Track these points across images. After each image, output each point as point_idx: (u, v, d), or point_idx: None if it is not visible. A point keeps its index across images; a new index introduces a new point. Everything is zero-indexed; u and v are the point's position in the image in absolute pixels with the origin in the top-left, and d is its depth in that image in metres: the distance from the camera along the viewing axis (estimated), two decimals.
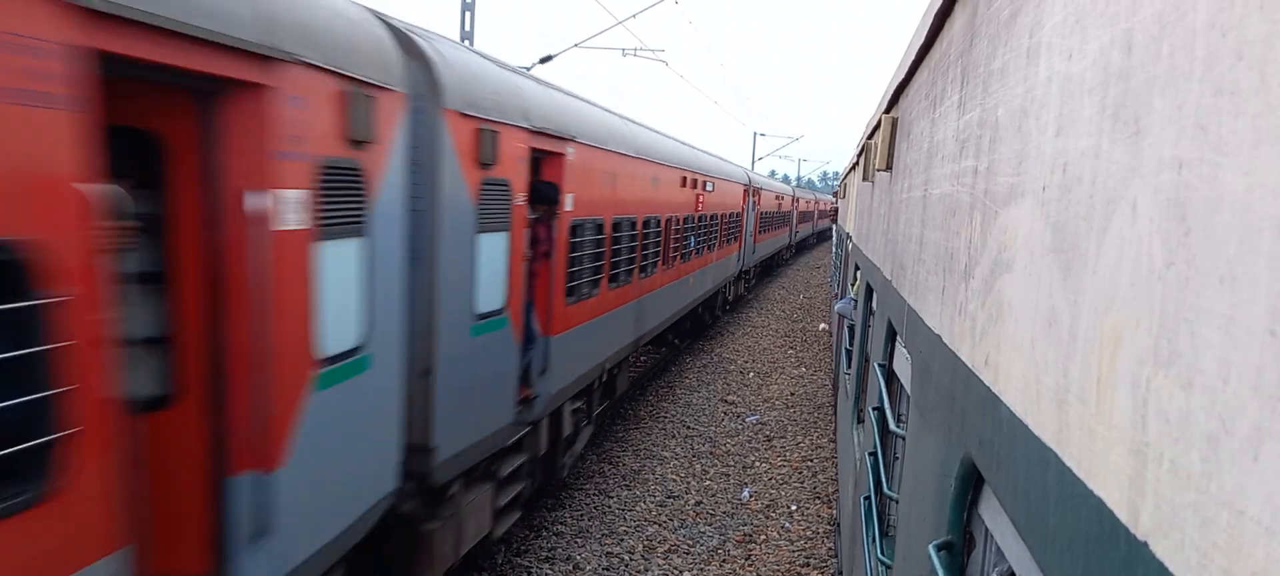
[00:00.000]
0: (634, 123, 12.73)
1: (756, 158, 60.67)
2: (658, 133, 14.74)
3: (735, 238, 23.93)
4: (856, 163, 12.26)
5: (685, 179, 15.49)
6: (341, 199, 4.58)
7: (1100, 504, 1.13)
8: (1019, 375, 1.64)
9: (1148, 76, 1.11)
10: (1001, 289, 1.86)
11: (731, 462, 12.81)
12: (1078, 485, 1.23)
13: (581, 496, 10.95)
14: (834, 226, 32.89)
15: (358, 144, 4.66)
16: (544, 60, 17.95)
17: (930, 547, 2.28)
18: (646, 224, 12.83)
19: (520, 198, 7.21)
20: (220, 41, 3.50)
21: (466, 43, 18.08)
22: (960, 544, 2.28)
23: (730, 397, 16.67)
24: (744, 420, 15.16)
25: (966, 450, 2.08)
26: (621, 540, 9.75)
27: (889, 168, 5.22)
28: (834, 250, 26.49)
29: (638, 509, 10.71)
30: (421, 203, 5.66)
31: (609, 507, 10.68)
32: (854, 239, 11.43)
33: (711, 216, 19.07)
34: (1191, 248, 0.95)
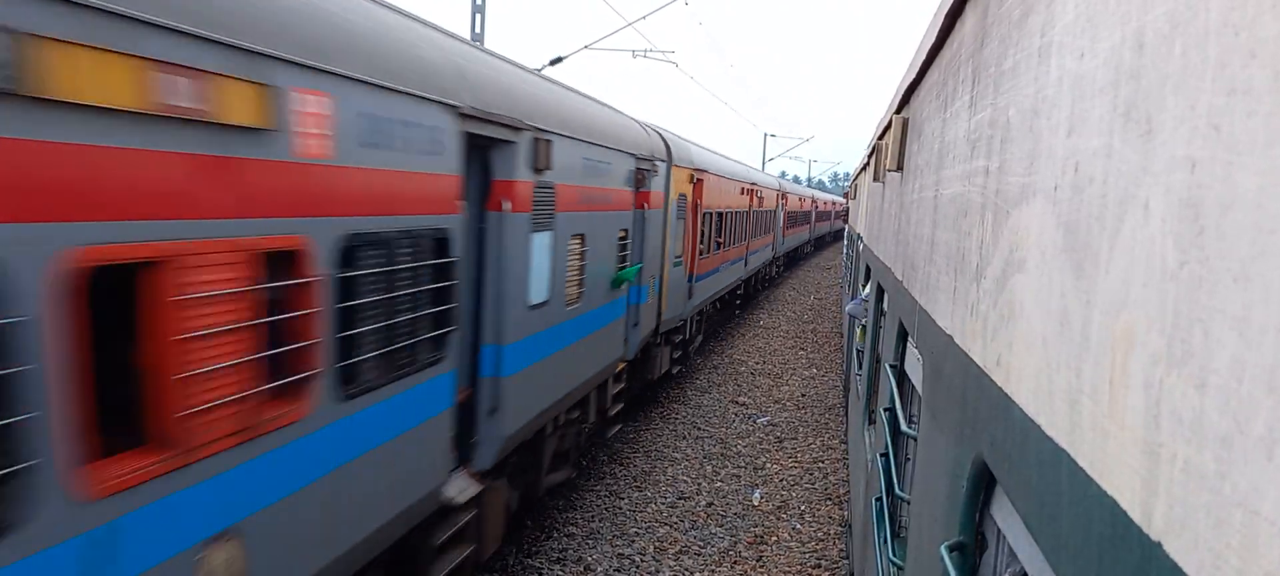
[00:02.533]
0: None
1: (767, 158, 60.30)
2: None
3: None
4: (867, 163, 12.23)
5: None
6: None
7: (1113, 504, 1.13)
8: (1031, 375, 1.63)
9: (1160, 75, 1.11)
10: (1013, 289, 1.86)
11: (742, 464, 12.80)
12: (1090, 485, 1.22)
13: (592, 497, 10.95)
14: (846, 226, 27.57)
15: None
16: (554, 62, 17.98)
17: (942, 548, 2.28)
18: None
19: None
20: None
21: (476, 43, 18.10)
22: (972, 545, 2.27)
23: (741, 399, 16.66)
24: (755, 421, 15.14)
25: (978, 450, 2.08)
26: (632, 541, 9.75)
27: (900, 168, 5.21)
28: (845, 251, 26.31)
29: (649, 510, 10.71)
30: None
31: (620, 509, 10.68)
32: (865, 240, 11.40)
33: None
34: (1204, 247, 0.94)
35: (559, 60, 18.04)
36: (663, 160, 12.82)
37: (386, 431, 5.20)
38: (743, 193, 21.26)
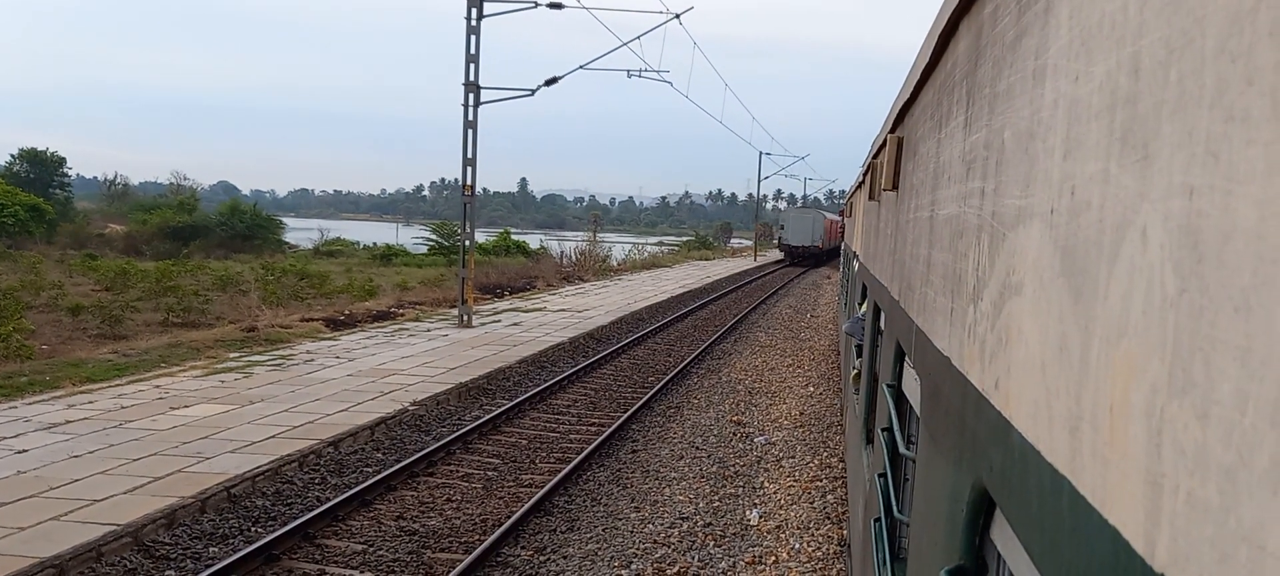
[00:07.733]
0: None
1: (762, 176, 61.08)
2: None
3: None
4: (862, 182, 12.26)
5: None
6: None
7: (1115, 534, 1.11)
8: (1030, 400, 1.62)
9: (1156, 101, 1.10)
10: (1011, 312, 1.85)
11: (740, 483, 12.74)
12: (1092, 514, 1.21)
13: (589, 518, 10.89)
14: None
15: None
16: (549, 82, 18.04)
17: (942, 573, 2.26)
18: None
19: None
20: None
21: (473, 65, 18.17)
22: (973, 569, 2.25)
23: (738, 418, 16.61)
24: (753, 440, 15.09)
25: (977, 474, 2.06)
26: (630, 563, 9.69)
27: (895, 187, 5.21)
28: (842, 270, 26.49)
29: (646, 531, 10.65)
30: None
31: (618, 530, 10.62)
32: (861, 258, 11.40)
33: None
34: (1204, 276, 0.93)
35: (554, 80, 18.11)
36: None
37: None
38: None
